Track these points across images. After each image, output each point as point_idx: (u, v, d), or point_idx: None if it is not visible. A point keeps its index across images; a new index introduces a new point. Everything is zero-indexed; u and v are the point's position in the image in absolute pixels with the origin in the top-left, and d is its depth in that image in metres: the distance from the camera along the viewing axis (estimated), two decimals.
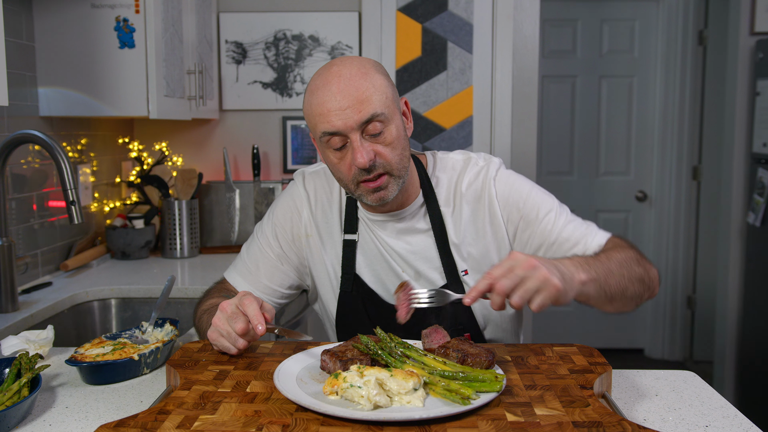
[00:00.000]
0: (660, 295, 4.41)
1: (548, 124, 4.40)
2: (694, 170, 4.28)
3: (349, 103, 1.25)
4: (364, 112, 1.25)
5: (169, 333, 1.43)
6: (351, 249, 1.45)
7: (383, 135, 1.28)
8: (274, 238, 1.49)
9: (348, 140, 1.28)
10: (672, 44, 4.24)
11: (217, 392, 1.04)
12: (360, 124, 1.25)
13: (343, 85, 1.26)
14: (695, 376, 1.27)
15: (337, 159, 1.31)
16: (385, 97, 1.28)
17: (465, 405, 0.95)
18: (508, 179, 1.43)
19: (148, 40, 2.15)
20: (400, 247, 1.43)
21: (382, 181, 1.30)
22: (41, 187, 2.20)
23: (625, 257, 1.28)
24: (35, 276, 2.13)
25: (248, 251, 1.53)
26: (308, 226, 1.48)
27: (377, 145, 1.28)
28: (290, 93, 2.99)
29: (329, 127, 1.26)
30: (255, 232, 1.55)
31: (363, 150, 1.26)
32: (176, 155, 2.85)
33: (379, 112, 1.26)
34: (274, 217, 1.51)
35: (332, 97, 1.26)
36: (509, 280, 1.07)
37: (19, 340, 1.34)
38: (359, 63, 1.30)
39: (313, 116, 1.30)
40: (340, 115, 1.25)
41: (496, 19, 2.95)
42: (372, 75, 1.29)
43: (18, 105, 2.07)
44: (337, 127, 1.26)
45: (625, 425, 0.91)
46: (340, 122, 1.25)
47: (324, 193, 1.49)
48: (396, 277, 1.44)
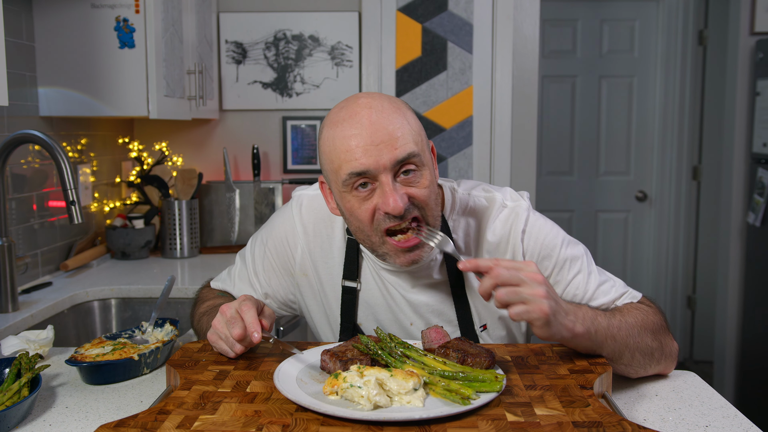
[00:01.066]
0: (660, 295, 4.41)
1: (548, 124, 4.40)
2: (694, 170, 4.28)
3: (383, 139, 1.09)
4: (399, 151, 1.09)
5: (169, 333, 1.43)
6: (351, 297, 1.31)
7: (417, 177, 1.13)
8: (263, 270, 1.40)
9: (376, 181, 1.12)
10: (672, 44, 4.24)
11: (217, 392, 1.04)
12: (394, 164, 1.10)
13: (375, 118, 1.10)
14: (695, 376, 1.27)
15: (359, 204, 1.14)
16: (420, 137, 1.14)
17: (465, 405, 0.95)
18: (539, 235, 1.28)
19: (148, 40, 2.15)
20: (414, 298, 1.29)
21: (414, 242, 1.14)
22: (41, 187, 2.20)
23: (641, 326, 1.17)
24: (35, 276, 2.13)
25: (239, 274, 1.44)
26: (304, 265, 1.35)
27: (411, 189, 1.12)
28: (290, 93, 2.99)
29: (357, 166, 1.09)
30: (247, 249, 1.44)
31: (396, 194, 1.09)
32: (176, 155, 2.85)
33: (416, 152, 1.11)
34: (268, 245, 1.39)
35: (362, 130, 1.10)
36: (509, 274, 1.04)
37: (19, 340, 1.34)
38: (389, 97, 1.16)
39: (335, 153, 1.13)
40: (371, 152, 1.09)
41: (496, 19, 2.95)
42: (405, 111, 1.15)
43: (18, 105, 2.07)
44: (367, 166, 1.09)
45: (625, 425, 0.91)
46: (371, 161, 1.09)
47: (325, 227, 1.34)
48: (401, 329, 1.33)
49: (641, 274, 4.49)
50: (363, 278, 1.32)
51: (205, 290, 1.51)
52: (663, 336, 1.22)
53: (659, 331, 1.22)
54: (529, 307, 1.04)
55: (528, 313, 1.05)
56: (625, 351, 1.16)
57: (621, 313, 1.20)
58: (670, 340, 1.25)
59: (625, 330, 1.15)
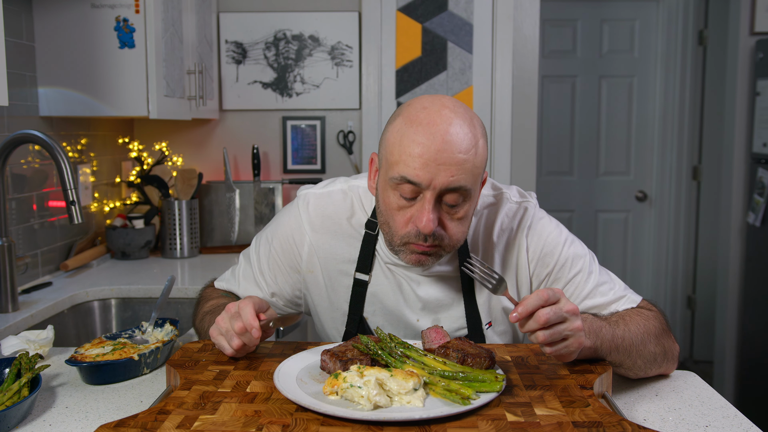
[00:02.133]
0: (660, 295, 4.41)
1: (548, 124, 4.40)
2: (694, 170, 4.28)
3: (447, 160, 1.11)
4: (455, 179, 1.12)
5: (169, 333, 1.43)
6: (361, 290, 1.34)
7: (457, 209, 1.16)
8: (269, 268, 1.40)
9: (420, 194, 1.15)
10: (672, 44, 4.24)
11: (217, 392, 1.04)
12: (443, 189, 1.13)
13: (450, 137, 1.11)
14: (695, 376, 1.27)
15: (397, 206, 1.17)
16: (478, 172, 1.16)
17: (465, 405, 0.95)
18: (542, 232, 1.31)
19: (148, 40, 2.15)
20: (423, 291, 1.32)
21: (431, 250, 1.18)
22: (41, 187, 2.20)
23: (644, 333, 1.19)
24: (35, 276, 2.13)
25: (243, 273, 1.45)
26: (311, 262, 1.37)
27: (446, 216, 1.16)
28: (290, 93, 2.99)
29: (412, 174, 1.12)
30: (251, 249, 1.45)
31: (432, 216, 1.13)
32: (176, 155, 2.85)
33: (467, 187, 1.14)
34: (273, 244, 1.40)
35: (433, 143, 1.11)
36: (554, 315, 1.03)
37: (19, 340, 1.35)
38: (471, 119, 1.16)
39: (399, 150, 1.14)
40: (430, 168, 1.11)
41: (496, 19, 2.96)
42: (479, 141, 1.15)
43: (18, 105, 2.07)
44: (420, 180, 1.12)
45: (625, 425, 0.91)
46: (427, 176, 1.11)
47: (333, 223, 1.35)
48: (406, 326, 1.35)
49: (641, 274, 4.49)
50: (374, 272, 1.34)
51: (209, 290, 1.50)
52: (665, 340, 1.23)
53: (662, 336, 1.23)
54: (568, 342, 1.06)
55: (567, 348, 1.06)
56: (627, 359, 1.18)
57: (624, 321, 1.21)
58: (672, 342, 1.25)
59: (628, 339, 1.17)
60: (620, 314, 1.25)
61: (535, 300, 1.03)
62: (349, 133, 3.01)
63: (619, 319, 1.21)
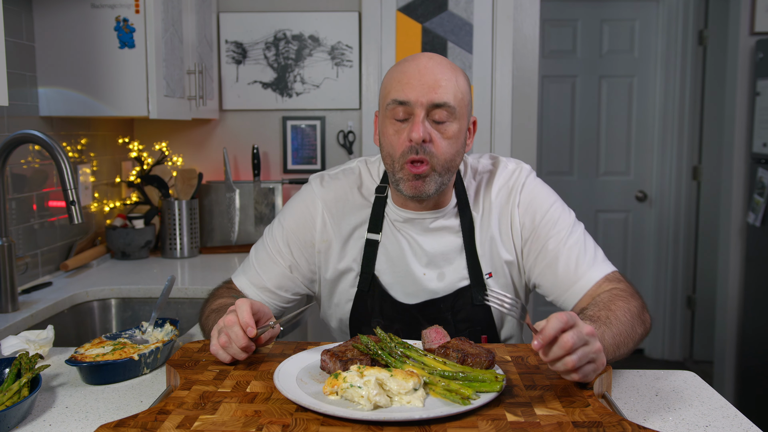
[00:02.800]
0: (660, 295, 4.41)
1: (548, 124, 4.40)
2: (694, 170, 4.28)
3: (429, 81, 1.27)
4: (438, 95, 1.27)
5: (169, 333, 1.43)
6: (373, 249, 1.43)
7: (445, 126, 1.29)
8: (286, 245, 1.47)
9: (411, 115, 1.29)
10: (672, 44, 4.24)
11: (217, 392, 1.04)
12: (430, 105, 1.27)
13: (431, 65, 1.29)
14: (695, 376, 1.27)
15: (393, 131, 1.31)
16: (461, 96, 1.30)
17: (465, 405, 0.95)
18: (534, 189, 1.44)
19: (148, 40, 2.15)
20: (429, 245, 1.41)
21: (423, 170, 1.29)
22: (41, 187, 2.20)
23: (631, 319, 1.23)
24: (35, 276, 2.13)
25: (257, 256, 1.51)
26: (324, 232, 1.46)
27: (435, 133, 1.29)
28: (290, 93, 2.99)
29: (401, 95, 1.28)
30: (264, 236, 1.52)
31: (421, 126, 1.27)
32: (176, 155, 2.85)
33: (451, 104, 1.28)
34: (286, 223, 1.49)
35: (416, 70, 1.29)
36: (578, 339, 1.01)
37: (19, 340, 1.34)
38: (452, 64, 1.33)
39: (389, 83, 1.32)
40: (416, 88, 1.27)
41: (496, 19, 2.96)
42: (459, 74, 1.32)
43: (18, 105, 2.07)
44: (408, 98, 1.27)
45: (625, 425, 0.91)
46: (413, 94, 1.27)
47: (345, 194, 1.47)
48: (414, 281, 1.42)
49: (641, 274, 4.49)
50: (384, 233, 1.44)
51: (222, 289, 1.51)
52: (644, 315, 1.29)
53: (642, 313, 1.28)
54: (595, 365, 1.05)
55: (592, 371, 1.05)
56: (624, 350, 1.21)
57: (613, 314, 1.23)
58: (647, 314, 1.31)
59: (624, 333, 1.21)
60: (604, 304, 1.27)
61: (556, 323, 1.00)
62: (349, 133, 3.01)
63: (609, 314, 1.23)
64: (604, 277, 1.36)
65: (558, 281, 1.38)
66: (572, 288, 1.36)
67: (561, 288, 1.38)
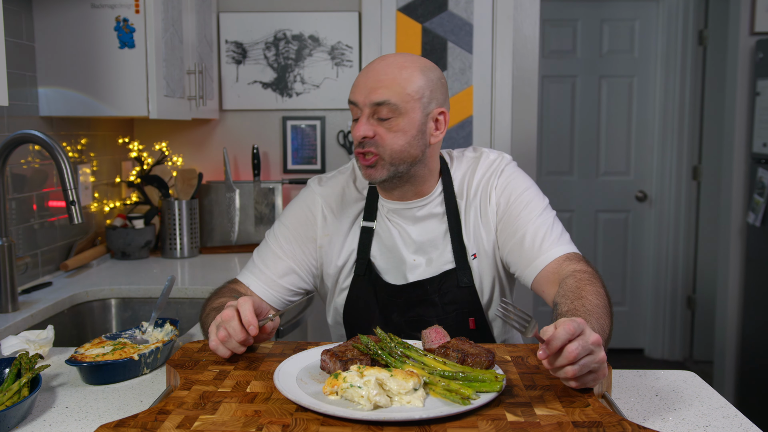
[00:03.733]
0: (660, 295, 4.41)
1: (548, 124, 4.40)
2: (694, 170, 4.28)
3: (372, 84, 1.38)
4: (376, 95, 1.37)
5: (169, 333, 1.43)
6: (368, 236, 1.52)
7: (390, 122, 1.38)
8: (288, 242, 1.54)
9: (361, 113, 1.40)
10: (672, 44, 4.24)
11: (217, 392, 1.04)
12: (370, 104, 1.37)
13: (376, 67, 1.40)
14: (695, 376, 1.27)
15: (353, 127, 1.42)
16: (407, 91, 1.38)
17: (465, 405, 0.95)
18: (512, 174, 1.52)
19: (148, 40, 2.15)
20: (416, 234, 1.50)
21: (371, 161, 1.40)
22: (41, 187, 2.20)
23: (604, 301, 1.27)
24: (35, 276, 2.13)
25: (260, 255, 1.56)
26: (325, 227, 1.54)
27: (380, 128, 1.39)
28: (290, 93, 2.99)
29: (352, 97, 1.41)
30: (267, 238, 1.58)
31: (364, 125, 1.38)
32: (176, 155, 2.85)
33: (391, 102, 1.37)
34: (288, 222, 1.56)
35: (364, 74, 1.41)
36: (582, 347, 1.00)
37: (19, 340, 1.34)
38: (407, 58, 1.42)
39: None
40: (361, 90, 1.39)
41: (496, 19, 2.95)
42: (410, 71, 1.39)
43: (18, 105, 2.07)
44: (356, 99, 1.40)
45: (625, 425, 0.91)
46: (359, 96, 1.39)
47: (342, 189, 1.56)
48: (405, 266, 1.51)
49: (641, 274, 4.49)
50: (377, 221, 1.53)
51: (225, 289, 1.54)
52: (607, 292, 1.33)
53: (606, 292, 1.32)
54: (596, 375, 1.04)
55: (596, 380, 1.05)
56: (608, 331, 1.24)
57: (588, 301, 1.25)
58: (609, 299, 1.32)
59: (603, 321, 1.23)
60: (574, 293, 1.28)
61: (563, 334, 0.99)
62: (349, 133, 3.01)
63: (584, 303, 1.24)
64: (565, 255, 1.41)
65: (522, 256, 1.44)
66: (534, 263, 1.42)
67: (524, 263, 1.44)
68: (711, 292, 4.12)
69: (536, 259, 1.42)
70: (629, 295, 4.52)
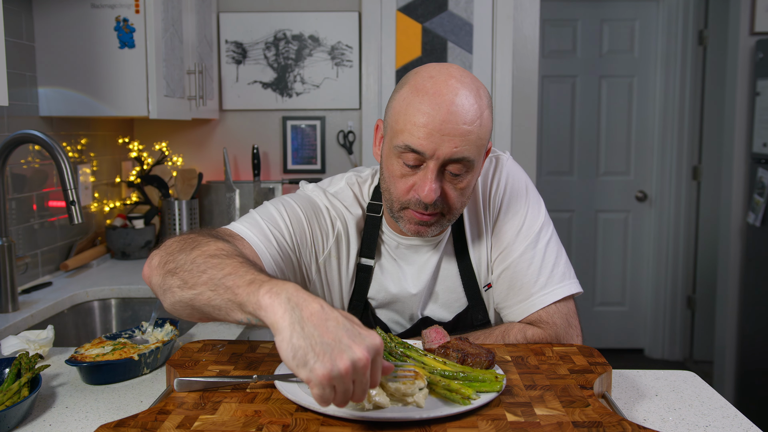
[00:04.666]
0: (660, 295, 4.41)
1: (548, 124, 4.40)
2: (694, 170, 4.28)
3: (452, 131, 1.12)
4: (459, 150, 1.13)
5: (169, 333, 1.43)
6: (366, 275, 1.34)
7: (460, 179, 1.17)
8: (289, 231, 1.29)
9: (424, 164, 1.15)
10: (672, 44, 4.24)
11: (217, 392, 1.04)
12: (447, 159, 1.14)
13: (455, 108, 1.12)
14: (695, 376, 1.27)
15: (399, 173, 1.18)
16: (482, 143, 1.17)
17: (465, 405, 0.95)
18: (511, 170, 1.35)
19: (148, 40, 2.15)
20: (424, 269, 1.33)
21: (430, 219, 1.20)
22: (41, 187, 2.20)
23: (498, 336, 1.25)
24: (35, 276, 2.13)
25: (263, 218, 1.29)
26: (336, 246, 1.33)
27: (448, 185, 1.18)
28: (290, 93, 2.99)
29: (416, 144, 1.13)
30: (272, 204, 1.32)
31: (434, 185, 1.14)
32: (176, 155, 2.85)
33: (470, 158, 1.15)
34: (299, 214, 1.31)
35: (438, 113, 1.12)
36: None
37: (19, 340, 1.34)
38: (477, 90, 1.16)
39: (404, 119, 1.15)
40: (434, 138, 1.12)
41: (496, 19, 2.95)
42: (484, 112, 1.16)
43: (18, 105, 2.07)
44: (424, 149, 1.13)
45: (625, 425, 0.91)
46: (431, 145, 1.12)
47: (351, 216, 1.34)
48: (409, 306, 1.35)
49: (641, 274, 4.49)
50: (381, 257, 1.35)
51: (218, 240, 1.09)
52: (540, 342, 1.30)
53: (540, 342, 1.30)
54: None
55: None
56: None
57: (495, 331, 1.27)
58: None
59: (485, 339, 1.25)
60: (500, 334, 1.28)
61: None
62: (349, 133, 3.01)
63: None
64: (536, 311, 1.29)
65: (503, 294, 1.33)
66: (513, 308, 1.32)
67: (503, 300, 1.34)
68: (711, 292, 4.12)
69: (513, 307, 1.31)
70: (629, 295, 4.52)
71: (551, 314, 1.29)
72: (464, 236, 1.34)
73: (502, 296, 1.34)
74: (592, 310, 4.48)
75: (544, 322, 1.29)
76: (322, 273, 1.34)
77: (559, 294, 1.30)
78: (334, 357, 0.79)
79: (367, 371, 0.82)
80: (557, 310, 1.30)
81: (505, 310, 1.34)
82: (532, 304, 1.30)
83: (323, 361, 0.79)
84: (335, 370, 0.79)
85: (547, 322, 1.29)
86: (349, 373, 0.80)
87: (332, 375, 0.79)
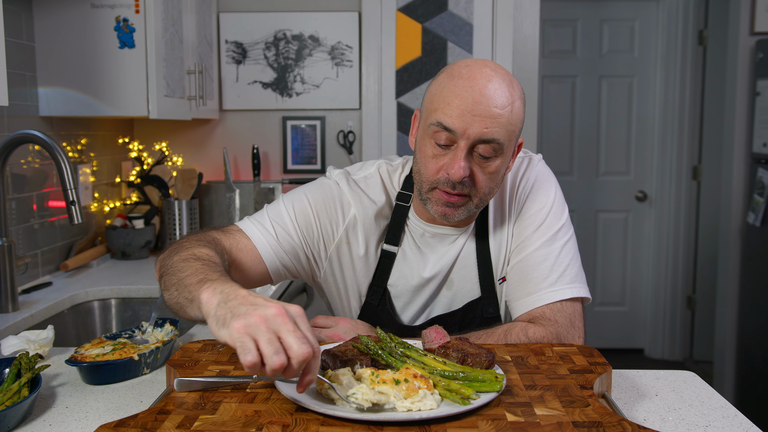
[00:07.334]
0: (660, 295, 4.41)
1: (548, 124, 4.40)
2: (694, 170, 4.28)
3: (483, 112, 1.16)
4: (489, 131, 1.17)
5: (169, 333, 1.43)
6: (389, 261, 1.37)
7: (489, 162, 1.21)
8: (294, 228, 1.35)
9: (454, 144, 1.20)
10: (672, 44, 4.24)
11: (217, 392, 1.04)
12: (477, 139, 1.18)
13: (488, 92, 1.17)
14: (695, 376, 1.27)
15: (432, 153, 1.22)
16: (513, 129, 1.21)
17: (465, 405, 0.95)
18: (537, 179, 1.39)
19: (148, 40, 2.15)
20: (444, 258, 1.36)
21: (458, 200, 1.23)
22: (41, 187, 2.20)
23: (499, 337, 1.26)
24: (35, 276, 2.13)
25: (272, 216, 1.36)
26: (346, 234, 1.36)
27: (477, 167, 1.21)
28: (290, 93, 2.99)
29: (448, 121, 1.18)
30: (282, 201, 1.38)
31: (463, 163, 1.18)
32: (176, 155, 2.85)
33: (500, 141, 1.19)
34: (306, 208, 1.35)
35: (471, 95, 1.17)
36: None
37: (19, 340, 1.34)
38: (510, 81, 1.21)
39: (439, 99, 1.20)
40: (466, 118, 1.17)
41: (496, 19, 2.95)
42: (516, 101, 1.21)
43: (18, 105, 2.07)
44: (455, 127, 1.17)
45: (625, 425, 0.91)
46: (462, 124, 1.17)
47: (370, 203, 1.37)
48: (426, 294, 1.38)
49: (641, 274, 4.49)
50: (404, 244, 1.38)
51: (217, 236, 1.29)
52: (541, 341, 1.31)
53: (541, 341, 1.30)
54: None
55: None
56: None
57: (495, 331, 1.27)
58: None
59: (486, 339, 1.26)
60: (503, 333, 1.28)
61: None
62: (349, 133, 3.01)
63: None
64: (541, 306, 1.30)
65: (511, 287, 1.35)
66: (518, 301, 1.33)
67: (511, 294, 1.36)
68: (711, 292, 4.12)
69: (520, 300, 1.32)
70: (629, 295, 4.52)
71: (555, 312, 1.30)
72: (487, 227, 1.36)
73: (512, 288, 1.35)
74: (592, 310, 4.48)
75: (547, 318, 1.30)
76: (334, 260, 1.38)
77: (567, 294, 1.31)
78: (249, 312, 0.89)
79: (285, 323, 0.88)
80: (562, 308, 1.31)
81: (513, 302, 1.35)
82: (539, 298, 1.31)
83: (237, 317, 0.89)
84: (249, 320, 0.88)
85: (550, 320, 1.30)
86: (263, 321, 0.87)
87: (247, 324, 0.87)
